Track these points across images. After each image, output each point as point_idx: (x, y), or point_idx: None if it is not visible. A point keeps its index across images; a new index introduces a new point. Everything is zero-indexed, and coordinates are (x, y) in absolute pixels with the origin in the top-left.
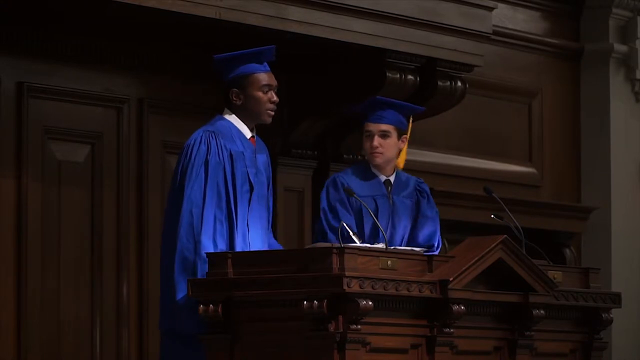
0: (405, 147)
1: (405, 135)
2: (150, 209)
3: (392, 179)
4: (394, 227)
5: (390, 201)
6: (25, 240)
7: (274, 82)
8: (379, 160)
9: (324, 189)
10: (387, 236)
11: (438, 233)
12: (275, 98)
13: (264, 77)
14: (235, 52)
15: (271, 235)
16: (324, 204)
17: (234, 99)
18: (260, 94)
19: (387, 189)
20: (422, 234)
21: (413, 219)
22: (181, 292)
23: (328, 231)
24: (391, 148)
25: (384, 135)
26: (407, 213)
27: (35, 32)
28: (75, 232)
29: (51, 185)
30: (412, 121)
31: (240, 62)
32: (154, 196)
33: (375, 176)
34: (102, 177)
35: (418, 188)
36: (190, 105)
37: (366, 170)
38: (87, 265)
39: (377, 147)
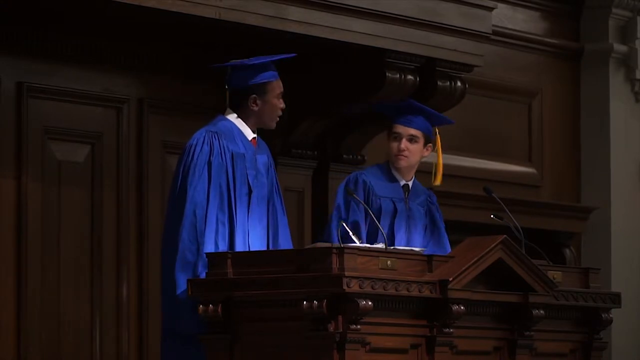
0: (440, 161)
1: (430, 144)
2: (150, 209)
3: (410, 184)
4: (410, 232)
5: (407, 206)
6: (25, 240)
7: (282, 89)
8: (403, 163)
9: (343, 185)
10: (404, 241)
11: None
12: (283, 105)
13: (279, 84)
14: (261, 61)
15: (286, 235)
16: (339, 200)
17: (252, 105)
18: (276, 101)
19: (405, 194)
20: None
21: (425, 228)
22: (182, 293)
23: (334, 229)
24: (416, 154)
25: (412, 139)
26: (422, 220)
27: (35, 32)
28: (75, 232)
29: (51, 185)
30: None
31: (263, 70)
32: (154, 196)
33: (396, 180)
34: (102, 177)
35: (429, 199)
36: (190, 105)
37: (388, 172)
38: (87, 265)
39: (403, 150)
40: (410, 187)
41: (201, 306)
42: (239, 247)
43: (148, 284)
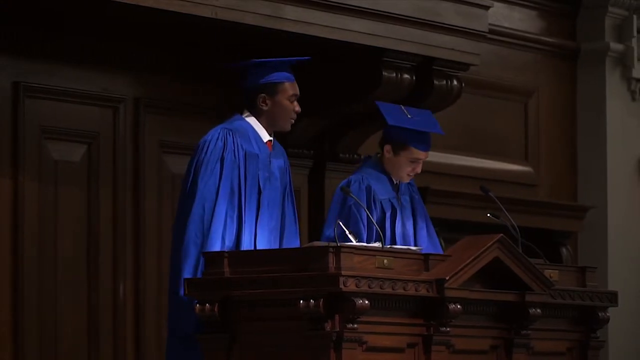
0: None
1: None
2: (147, 209)
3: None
4: (404, 226)
5: (400, 202)
6: (21, 239)
7: (298, 92)
8: (408, 180)
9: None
10: (401, 236)
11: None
12: (298, 108)
13: (293, 87)
14: (274, 59)
15: (294, 244)
16: (350, 201)
17: (261, 104)
18: (287, 102)
19: (397, 191)
20: (433, 244)
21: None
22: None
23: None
24: None
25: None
26: (410, 210)
27: (32, 32)
28: (72, 231)
29: (48, 185)
30: None
31: (275, 69)
32: (150, 196)
33: (390, 179)
34: (98, 176)
35: (408, 182)
36: (187, 105)
37: (383, 171)
38: (84, 265)
39: (417, 171)
40: (398, 183)
41: (198, 305)
42: (245, 246)
43: (145, 284)
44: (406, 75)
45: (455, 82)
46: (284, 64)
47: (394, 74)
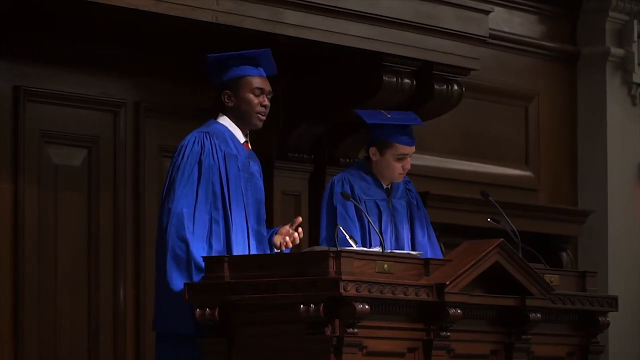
0: None
1: None
2: (147, 213)
3: (390, 185)
4: (397, 230)
5: (390, 205)
6: (22, 244)
7: (267, 87)
8: (402, 178)
9: (329, 190)
10: (391, 240)
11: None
12: (266, 102)
13: (257, 80)
14: (229, 53)
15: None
16: (336, 201)
17: (226, 100)
18: (251, 96)
19: (387, 194)
20: (433, 249)
21: (409, 221)
22: (177, 290)
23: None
24: None
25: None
26: (405, 214)
27: (33, 36)
28: (72, 236)
29: (48, 189)
30: None
31: (234, 64)
32: (150, 200)
33: (378, 181)
34: (98, 181)
35: (407, 187)
36: (187, 109)
37: (370, 173)
38: (84, 269)
39: (407, 168)
40: (391, 186)
41: (198, 310)
42: (238, 245)
43: (145, 288)
44: (406, 80)
45: (455, 87)
46: (244, 57)
47: (395, 79)
